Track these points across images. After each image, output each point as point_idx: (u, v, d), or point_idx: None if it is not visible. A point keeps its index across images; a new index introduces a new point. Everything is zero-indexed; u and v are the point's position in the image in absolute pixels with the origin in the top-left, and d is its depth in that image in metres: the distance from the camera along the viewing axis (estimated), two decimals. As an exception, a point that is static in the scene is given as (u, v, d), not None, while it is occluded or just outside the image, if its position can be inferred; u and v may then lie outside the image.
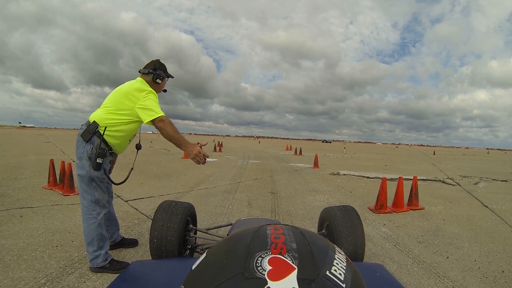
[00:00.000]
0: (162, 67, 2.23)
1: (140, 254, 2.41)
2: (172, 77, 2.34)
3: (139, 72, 2.22)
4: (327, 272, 0.46)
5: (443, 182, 7.60)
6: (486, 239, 3.16)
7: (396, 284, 1.10)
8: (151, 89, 2.07)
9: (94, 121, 2.02)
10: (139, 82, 2.12)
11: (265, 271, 0.43)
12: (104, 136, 2.02)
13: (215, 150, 17.21)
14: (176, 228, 1.69)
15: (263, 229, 0.55)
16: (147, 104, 1.97)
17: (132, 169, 2.30)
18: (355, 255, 1.63)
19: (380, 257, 2.56)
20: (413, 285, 2.09)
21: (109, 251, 2.12)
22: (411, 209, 4.32)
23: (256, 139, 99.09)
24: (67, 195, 4.28)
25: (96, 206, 2.05)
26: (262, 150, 20.84)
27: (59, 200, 4.04)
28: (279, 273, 0.43)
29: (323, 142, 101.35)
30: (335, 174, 8.26)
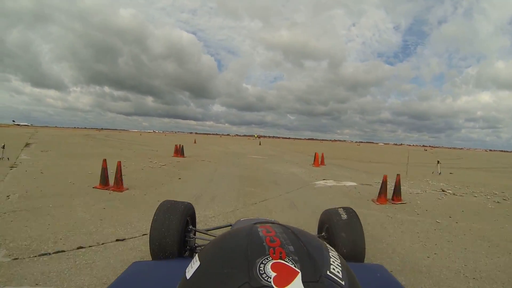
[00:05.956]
0: None
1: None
2: None
3: None
4: (328, 272, 0.44)
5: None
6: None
7: (396, 285, 1.08)
8: None
9: None
10: None
11: (270, 278, 0.41)
12: None
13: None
14: (176, 229, 1.67)
15: (254, 231, 0.51)
16: None
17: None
18: (356, 256, 1.63)
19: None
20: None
21: None
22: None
23: (257, 138, 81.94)
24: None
25: None
26: (262, 163, 11.63)
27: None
28: (284, 278, 0.41)
29: None
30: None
